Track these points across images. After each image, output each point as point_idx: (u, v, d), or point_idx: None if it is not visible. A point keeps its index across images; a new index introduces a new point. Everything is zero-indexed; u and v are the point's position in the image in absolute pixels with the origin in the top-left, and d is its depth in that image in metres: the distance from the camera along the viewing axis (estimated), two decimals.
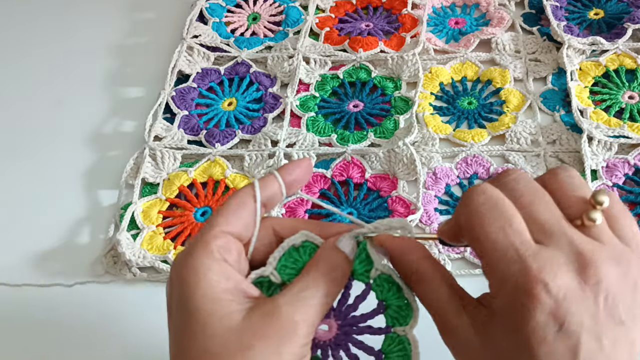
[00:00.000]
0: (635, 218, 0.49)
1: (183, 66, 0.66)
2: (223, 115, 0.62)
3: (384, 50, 0.66)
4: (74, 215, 0.55)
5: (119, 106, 0.65)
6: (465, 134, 0.57)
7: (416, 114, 0.59)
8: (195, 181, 0.56)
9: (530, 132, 0.57)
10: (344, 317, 0.33)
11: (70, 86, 0.68)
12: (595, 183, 0.52)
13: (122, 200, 0.55)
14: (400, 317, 0.33)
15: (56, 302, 0.49)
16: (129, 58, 0.71)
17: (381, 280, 0.33)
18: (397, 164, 0.55)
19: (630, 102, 0.59)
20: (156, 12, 0.77)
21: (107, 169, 0.58)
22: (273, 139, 0.58)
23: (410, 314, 0.33)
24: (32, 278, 0.50)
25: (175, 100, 0.63)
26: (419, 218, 0.51)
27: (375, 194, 0.54)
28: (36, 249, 0.53)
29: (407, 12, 0.71)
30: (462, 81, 0.64)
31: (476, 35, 0.67)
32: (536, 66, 0.63)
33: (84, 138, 0.62)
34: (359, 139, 0.58)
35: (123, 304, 0.48)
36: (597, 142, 0.54)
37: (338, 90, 0.64)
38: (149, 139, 0.59)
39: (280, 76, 0.65)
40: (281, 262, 0.33)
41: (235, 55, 0.67)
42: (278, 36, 0.70)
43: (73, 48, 0.72)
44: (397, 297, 0.33)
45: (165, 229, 0.53)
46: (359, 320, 0.34)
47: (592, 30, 0.67)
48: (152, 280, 0.50)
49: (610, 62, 0.62)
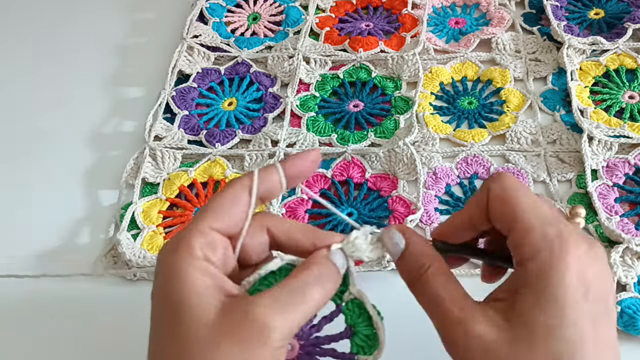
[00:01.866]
0: (635, 218, 0.50)
1: (183, 66, 0.66)
2: (223, 115, 0.62)
3: (384, 50, 0.66)
4: (74, 215, 0.55)
5: (119, 106, 0.65)
6: (465, 134, 0.57)
7: (416, 114, 0.59)
8: (196, 181, 0.56)
9: (531, 132, 0.57)
10: (306, 337, 0.33)
11: (70, 86, 0.68)
12: (595, 183, 0.52)
13: (123, 200, 0.55)
14: (367, 346, 0.32)
15: (56, 301, 0.49)
16: (129, 58, 0.71)
17: (353, 305, 0.33)
18: (397, 163, 0.55)
19: (630, 101, 0.59)
20: (156, 12, 0.77)
21: (107, 169, 0.58)
22: (273, 138, 0.58)
23: (376, 344, 0.32)
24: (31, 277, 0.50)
25: (176, 100, 0.63)
26: (419, 218, 0.51)
27: (376, 193, 0.54)
28: (36, 248, 0.53)
29: (407, 12, 0.71)
30: (462, 81, 0.64)
31: (476, 35, 0.67)
32: (536, 66, 0.63)
33: (84, 138, 0.62)
34: (359, 138, 0.58)
35: (123, 304, 0.48)
36: (598, 141, 0.54)
37: (338, 90, 0.64)
38: (149, 139, 0.59)
39: (280, 76, 0.65)
40: (254, 287, 0.31)
41: (235, 55, 0.67)
42: (278, 36, 0.70)
43: (73, 48, 0.72)
44: (366, 324, 0.32)
45: (165, 229, 0.53)
46: (322, 342, 0.33)
47: (592, 30, 0.67)
48: (152, 280, 0.50)
49: (611, 62, 0.62)
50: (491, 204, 0.31)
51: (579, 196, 0.52)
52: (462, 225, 0.34)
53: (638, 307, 0.43)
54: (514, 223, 0.30)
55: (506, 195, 0.31)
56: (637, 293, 0.44)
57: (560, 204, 0.51)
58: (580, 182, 0.53)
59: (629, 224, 0.49)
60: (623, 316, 0.43)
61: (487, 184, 0.32)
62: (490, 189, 0.31)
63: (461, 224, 0.34)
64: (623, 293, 0.44)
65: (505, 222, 0.30)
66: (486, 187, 0.32)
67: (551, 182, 0.53)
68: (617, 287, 0.44)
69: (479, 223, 0.33)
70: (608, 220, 0.49)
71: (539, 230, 0.29)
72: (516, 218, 0.30)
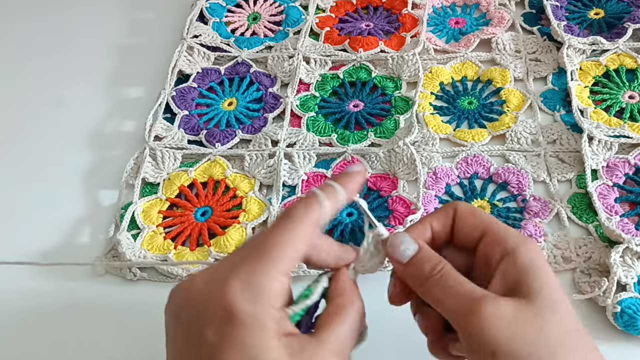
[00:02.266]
0: (635, 218, 0.50)
1: (183, 66, 0.66)
2: (223, 115, 0.62)
3: (384, 50, 0.66)
4: (74, 215, 0.55)
5: (119, 106, 0.65)
6: (465, 134, 0.57)
7: (416, 114, 0.59)
8: (196, 181, 0.56)
9: (531, 132, 0.57)
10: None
11: (71, 86, 0.68)
12: (595, 183, 0.52)
13: (123, 200, 0.55)
14: None
15: (56, 301, 0.49)
16: (129, 58, 0.71)
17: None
18: (397, 163, 0.55)
19: (630, 101, 0.59)
20: (156, 12, 0.77)
21: (107, 169, 0.58)
22: (273, 138, 0.58)
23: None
24: (32, 278, 0.50)
25: (176, 100, 0.63)
26: (419, 218, 0.51)
27: (376, 193, 0.54)
28: (36, 248, 0.52)
29: (407, 11, 0.71)
30: (462, 81, 0.64)
31: (476, 35, 0.66)
32: (536, 66, 0.63)
33: (84, 138, 0.62)
34: (359, 138, 0.58)
35: (123, 304, 0.48)
36: (598, 141, 0.54)
37: (338, 90, 0.64)
38: (149, 139, 0.59)
39: (280, 76, 0.65)
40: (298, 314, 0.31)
41: (235, 55, 0.67)
42: (278, 36, 0.70)
43: (73, 48, 0.72)
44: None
45: (165, 229, 0.53)
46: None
47: (592, 30, 0.67)
48: (152, 280, 0.50)
49: (611, 62, 0.62)
50: (461, 216, 0.35)
51: (579, 196, 0.52)
52: (425, 234, 0.36)
53: (638, 307, 0.43)
54: (487, 229, 0.34)
55: (474, 210, 0.36)
56: (637, 293, 0.44)
57: (561, 204, 0.51)
58: (580, 182, 0.53)
59: (629, 224, 0.49)
60: (623, 316, 0.43)
61: (452, 204, 0.36)
62: (457, 206, 0.36)
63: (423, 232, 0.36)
64: (623, 293, 0.44)
65: (475, 231, 0.35)
66: (453, 205, 0.36)
67: (551, 182, 0.53)
68: (617, 287, 0.44)
69: (438, 234, 0.36)
70: (608, 220, 0.49)
71: (511, 231, 0.34)
72: (489, 225, 0.34)
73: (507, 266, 0.32)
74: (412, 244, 0.34)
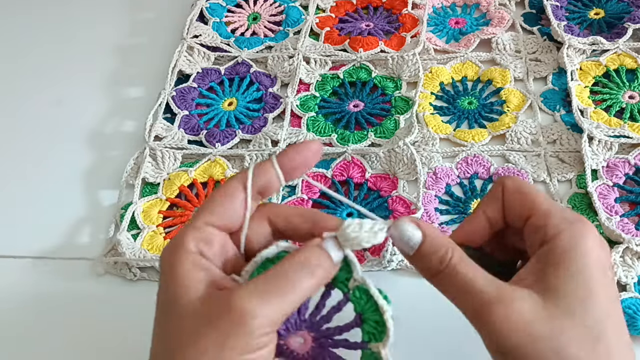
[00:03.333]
0: (635, 218, 0.50)
1: (183, 66, 0.66)
2: (223, 115, 0.62)
3: (384, 50, 0.66)
4: (74, 215, 0.55)
5: (119, 106, 0.65)
6: (465, 134, 0.57)
7: (416, 114, 0.59)
8: (196, 181, 0.56)
9: (531, 132, 0.57)
10: (317, 329, 0.32)
11: (70, 86, 0.67)
12: (595, 183, 0.52)
13: (123, 200, 0.55)
14: (377, 332, 0.31)
15: (56, 301, 0.49)
16: (129, 58, 0.71)
17: (360, 291, 0.32)
18: (397, 163, 0.55)
19: (630, 101, 0.59)
20: (156, 12, 0.77)
21: (107, 169, 0.58)
22: (273, 138, 0.58)
23: (384, 330, 0.31)
24: (31, 277, 0.50)
25: (176, 100, 0.63)
26: (420, 218, 0.51)
27: (376, 193, 0.54)
28: (36, 248, 0.52)
29: (408, 11, 0.71)
30: (462, 81, 0.64)
31: (476, 35, 0.67)
32: (536, 66, 0.63)
33: (84, 138, 0.62)
34: (359, 138, 0.58)
35: (123, 304, 0.48)
36: (598, 141, 0.54)
37: (338, 90, 0.64)
38: (149, 139, 0.59)
39: (280, 76, 0.65)
40: (252, 275, 0.32)
41: (235, 55, 0.67)
42: (278, 36, 0.70)
43: (73, 48, 0.72)
44: (374, 310, 0.32)
45: (165, 229, 0.53)
46: (333, 333, 0.32)
47: (592, 30, 0.67)
48: (152, 280, 0.50)
49: (611, 62, 0.62)
50: (509, 196, 0.34)
51: (579, 196, 0.52)
52: (481, 224, 0.35)
53: (638, 307, 0.43)
54: (533, 209, 0.32)
55: (522, 187, 0.33)
56: (637, 293, 0.44)
57: (561, 204, 0.51)
58: (581, 182, 0.53)
59: (629, 224, 0.49)
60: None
61: (500, 180, 0.34)
62: (505, 183, 0.34)
63: (480, 222, 0.35)
64: (623, 293, 0.44)
65: (523, 210, 0.33)
66: (500, 182, 0.34)
67: (551, 182, 0.53)
68: (617, 287, 0.44)
69: (494, 220, 0.34)
70: (608, 220, 0.49)
71: (558, 214, 0.32)
72: (535, 204, 0.32)
73: (539, 257, 0.31)
74: (415, 231, 0.32)
